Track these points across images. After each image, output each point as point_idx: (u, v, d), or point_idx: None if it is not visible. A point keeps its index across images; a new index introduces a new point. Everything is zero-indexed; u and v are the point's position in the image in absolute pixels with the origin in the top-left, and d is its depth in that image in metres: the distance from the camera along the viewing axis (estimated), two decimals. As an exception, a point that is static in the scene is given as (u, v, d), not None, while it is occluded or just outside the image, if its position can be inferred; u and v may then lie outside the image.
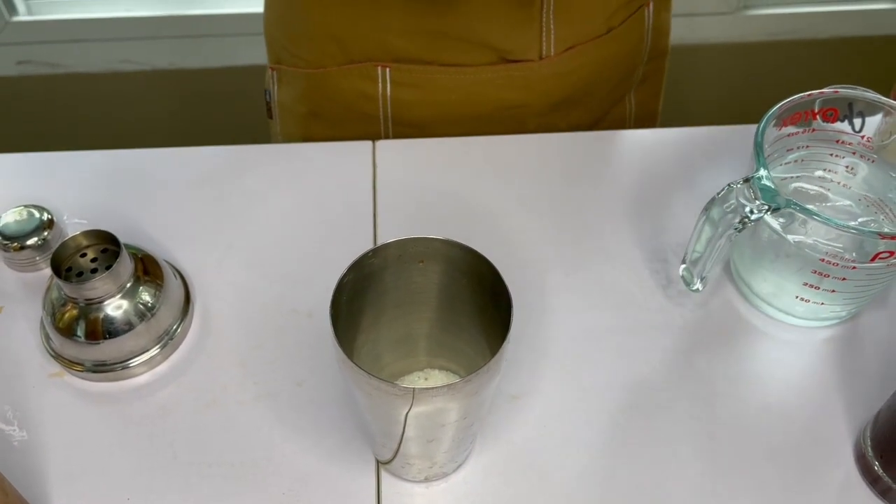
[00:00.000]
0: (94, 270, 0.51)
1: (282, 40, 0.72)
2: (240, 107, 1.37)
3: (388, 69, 0.66)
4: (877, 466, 0.47)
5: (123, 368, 0.51)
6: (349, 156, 0.64)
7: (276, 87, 0.75)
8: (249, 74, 1.47)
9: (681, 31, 1.47)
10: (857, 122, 0.53)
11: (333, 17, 0.66)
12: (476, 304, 0.44)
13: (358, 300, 0.43)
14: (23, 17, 1.35)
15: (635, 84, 0.78)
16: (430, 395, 0.37)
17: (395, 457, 0.45)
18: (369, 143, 0.65)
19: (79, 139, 1.51)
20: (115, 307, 0.50)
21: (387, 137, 0.70)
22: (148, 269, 0.52)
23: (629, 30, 0.70)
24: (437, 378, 0.49)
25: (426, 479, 0.47)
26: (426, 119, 0.69)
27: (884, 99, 0.52)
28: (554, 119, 0.71)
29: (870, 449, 0.47)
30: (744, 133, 0.65)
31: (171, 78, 1.44)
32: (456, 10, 0.63)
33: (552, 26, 0.65)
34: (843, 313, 0.53)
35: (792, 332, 0.54)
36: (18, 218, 0.56)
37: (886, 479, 0.46)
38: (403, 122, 0.69)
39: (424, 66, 0.66)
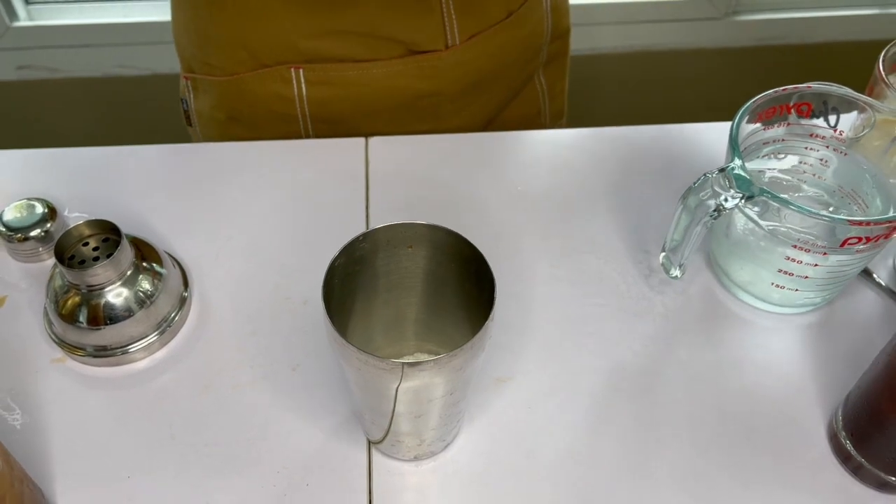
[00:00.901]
0: (95, 259, 0.53)
1: (191, 49, 0.73)
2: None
3: (301, 70, 0.68)
4: (848, 445, 0.49)
5: (123, 353, 0.53)
6: (343, 151, 0.67)
7: (191, 96, 0.76)
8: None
9: (671, 37, 1.50)
10: (832, 118, 0.55)
11: (240, 24, 0.67)
12: (462, 287, 0.46)
13: (349, 284, 0.45)
14: (23, 22, 1.37)
15: (542, 64, 0.81)
16: (417, 370, 0.39)
17: (385, 435, 0.47)
18: (362, 139, 0.67)
19: (77, 144, 1.53)
20: (116, 294, 0.52)
21: (307, 136, 0.72)
22: (147, 258, 0.54)
23: (529, 12, 0.73)
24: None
25: (416, 458, 0.49)
26: (344, 114, 0.71)
27: (856, 94, 0.54)
28: (467, 102, 0.74)
29: (841, 429, 0.49)
30: (723, 129, 0.67)
31: (169, 83, 1.45)
32: (357, 7, 0.65)
33: (453, 16, 0.67)
34: (818, 300, 0.55)
35: (768, 319, 0.56)
36: (22, 210, 0.58)
37: (857, 456, 0.48)
38: (322, 119, 0.71)
39: (336, 64, 0.68)
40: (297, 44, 0.67)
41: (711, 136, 0.68)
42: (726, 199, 0.49)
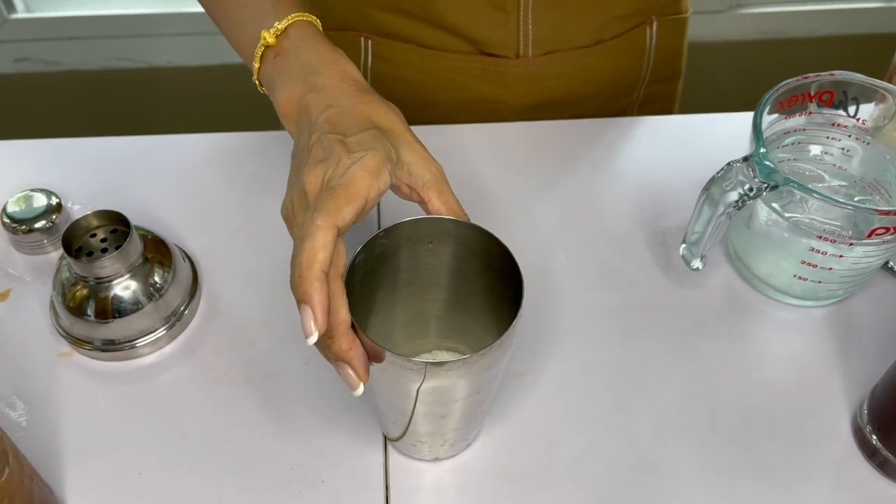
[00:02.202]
0: (104, 250, 0.51)
1: None
2: (237, 105, 1.37)
3: (370, 41, 0.67)
4: (874, 439, 0.48)
5: (132, 348, 0.52)
6: (352, 143, 0.65)
7: None
8: (246, 72, 1.48)
9: (674, 30, 1.48)
10: (852, 108, 0.54)
11: None
12: (485, 283, 0.45)
13: (369, 281, 0.44)
14: (21, 14, 1.35)
15: (637, 103, 0.76)
16: (444, 370, 0.38)
17: (404, 433, 0.45)
18: (372, 130, 0.66)
19: (75, 137, 1.51)
20: (124, 287, 0.51)
21: None
22: (156, 250, 0.53)
23: (624, 46, 0.69)
24: (444, 358, 0.50)
25: (435, 459, 0.48)
26: (404, 98, 0.68)
27: (878, 82, 0.53)
28: (534, 119, 0.69)
29: (867, 423, 0.48)
30: (742, 120, 0.66)
31: (168, 76, 1.44)
32: None
33: (530, 27, 0.64)
34: (840, 292, 0.54)
35: (790, 312, 0.55)
36: (27, 202, 0.57)
37: (884, 451, 0.47)
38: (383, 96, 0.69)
39: (403, 44, 0.67)
40: (369, 14, 0.66)
41: (728, 126, 0.67)
42: (751, 189, 0.48)
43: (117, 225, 0.52)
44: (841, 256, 0.49)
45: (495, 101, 0.69)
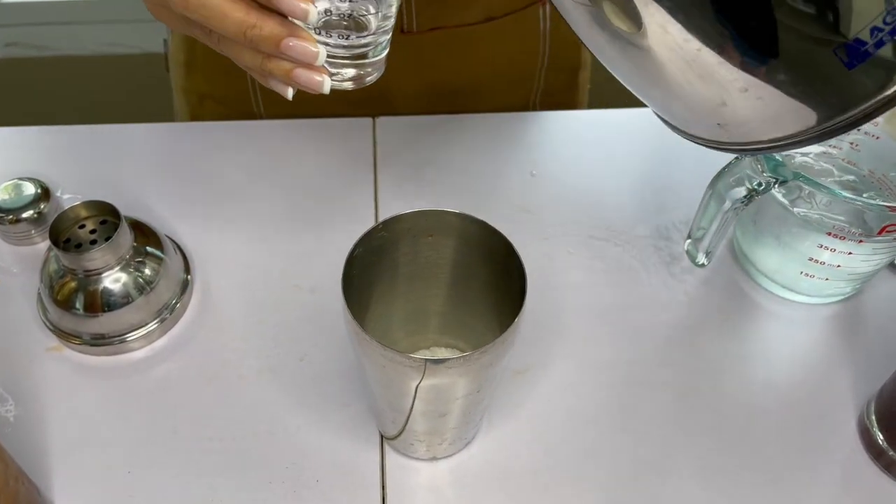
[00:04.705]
0: (93, 242, 0.50)
1: None
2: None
3: None
4: (881, 440, 0.47)
5: (122, 342, 0.50)
6: (349, 132, 0.64)
7: (170, 36, 0.73)
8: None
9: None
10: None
11: None
12: (487, 279, 0.43)
13: (368, 275, 0.42)
14: (10, -2, 1.33)
15: (536, 94, 0.72)
16: (444, 367, 0.37)
17: (402, 432, 0.44)
18: (369, 119, 0.65)
19: (65, 123, 1.49)
20: (114, 279, 0.49)
21: (255, 95, 0.68)
22: (147, 242, 0.51)
23: (515, 26, 0.65)
24: (443, 355, 0.48)
25: (433, 458, 0.47)
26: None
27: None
28: (427, 106, 0.67)
29: (874, 423, 0.47)
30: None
31: (160, 62, 1.42)
32: None
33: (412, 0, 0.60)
34: (848, 289, 0.53)
35: (796, 309, 0.54)
36: (13, 191, 0.55)
37: (891, 452, 0.46)
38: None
39: None
40: None
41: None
42: (759, 184, 0.46)
43: (107, 216, 0.50)
44: (850, 254, 0.48)
45: (382, 87, 0.66)
